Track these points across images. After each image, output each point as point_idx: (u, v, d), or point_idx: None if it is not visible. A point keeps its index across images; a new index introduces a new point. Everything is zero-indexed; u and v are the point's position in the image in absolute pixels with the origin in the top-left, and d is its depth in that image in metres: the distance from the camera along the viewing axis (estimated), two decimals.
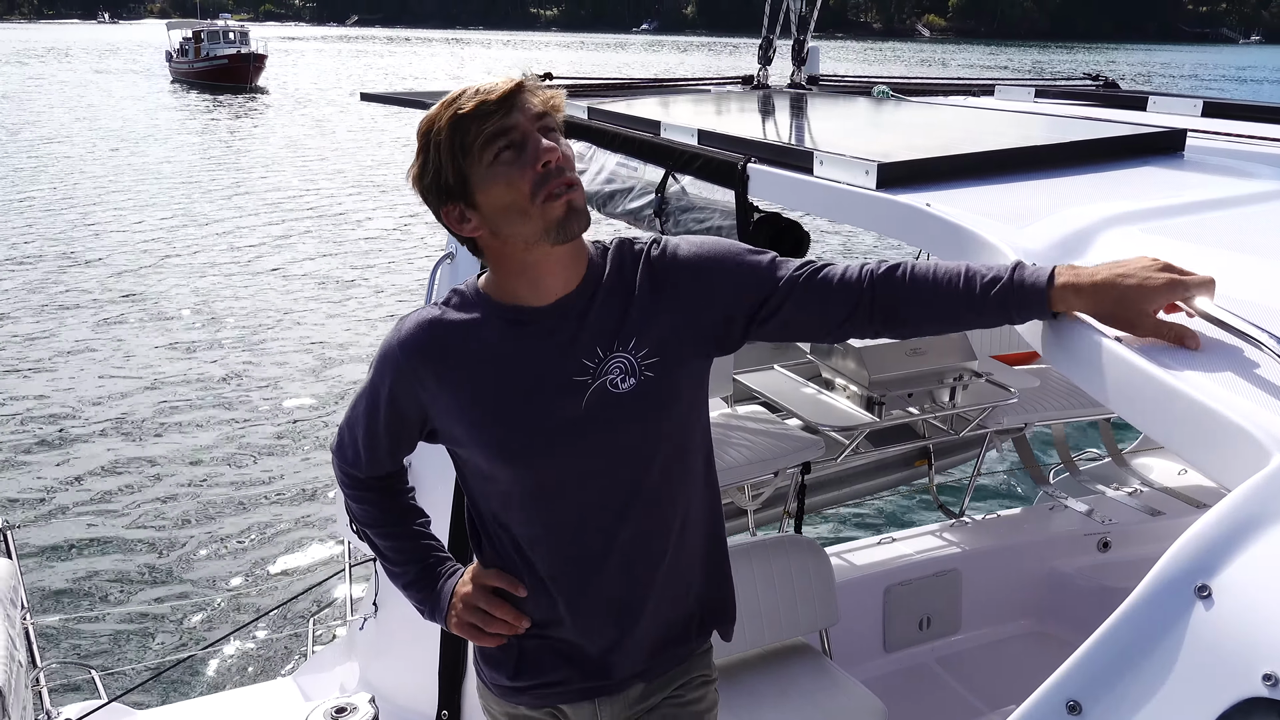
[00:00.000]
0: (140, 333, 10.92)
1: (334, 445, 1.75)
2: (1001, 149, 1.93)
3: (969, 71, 56.92)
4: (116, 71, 53.32)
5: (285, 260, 14.28)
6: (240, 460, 7.87)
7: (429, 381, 1.55)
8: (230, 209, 17.72)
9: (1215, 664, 0.93)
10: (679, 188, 2.14)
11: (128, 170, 21.58)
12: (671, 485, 1.62)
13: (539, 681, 1.69)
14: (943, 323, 1.51)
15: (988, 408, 3.53)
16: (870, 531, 5.37)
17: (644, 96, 3.13)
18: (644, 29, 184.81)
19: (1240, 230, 1.64)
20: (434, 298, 2.83)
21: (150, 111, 34.19)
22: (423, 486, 2.78)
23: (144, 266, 13.69)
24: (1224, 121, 2.46)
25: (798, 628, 2.99)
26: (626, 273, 1.57)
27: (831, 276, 1.52)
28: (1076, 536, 3.76)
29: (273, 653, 5.35)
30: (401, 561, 1.76)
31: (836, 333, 1.56)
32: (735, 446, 3.29)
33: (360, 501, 1.75)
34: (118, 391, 9.22)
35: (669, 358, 1.55)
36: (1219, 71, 70.52)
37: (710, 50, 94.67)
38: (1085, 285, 1.33)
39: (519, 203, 1.44)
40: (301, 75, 53.37)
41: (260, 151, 24.92)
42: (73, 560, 6.32)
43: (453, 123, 1.45)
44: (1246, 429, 1.08)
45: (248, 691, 3.83)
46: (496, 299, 1.56)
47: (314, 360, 10.23)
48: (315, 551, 6.46)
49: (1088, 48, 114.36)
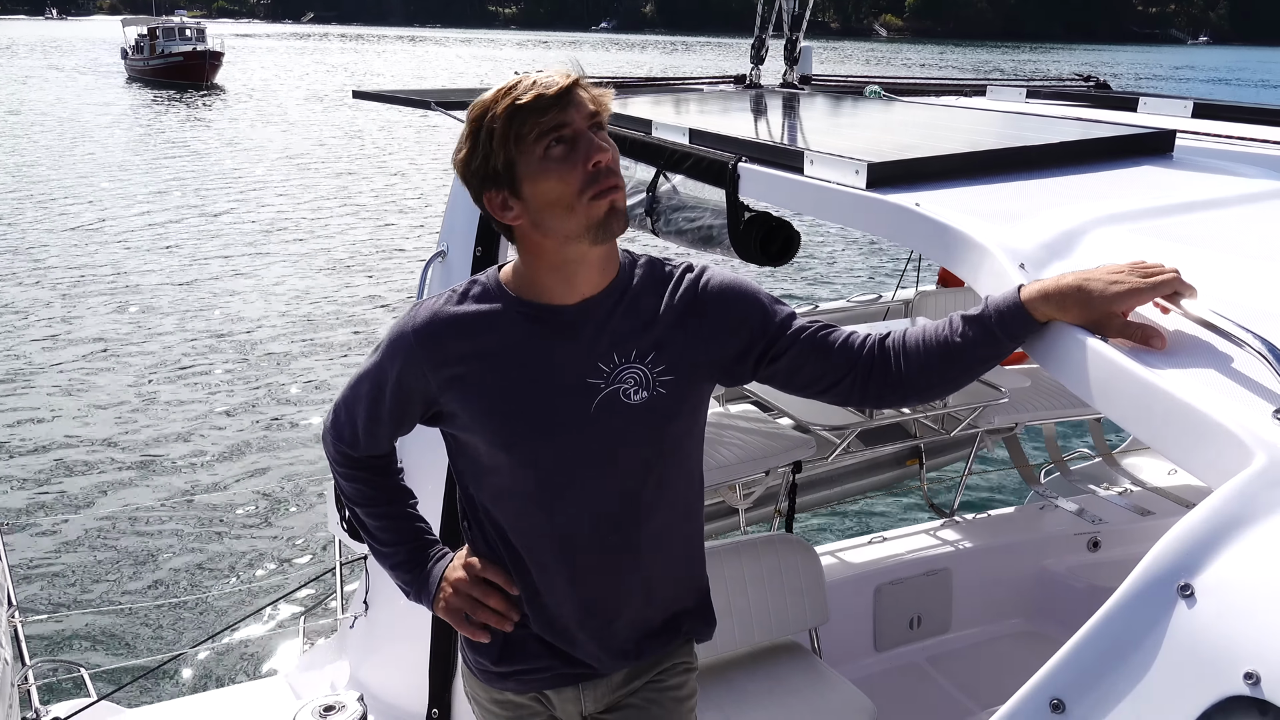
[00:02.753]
0: (125, 333, 10.88)
1: (328, 423, 1.75)
2: (991, 149, 1.94)
3: (921, 70, 57.43)
4: (70, 70, 52.29)
5: (265, 257, 14.22)
6: (229, 458, 7.86)
7: (441, 368, 1.56)
8: (196, 208, 17.44)
9: (1197, 662, 0.94)
10: (670, 187, 2.14)
11: (85, 168, 21.21)
12: (664, 493, 1.65)
13: (524, 668, 1.72)
14: (938, 363, 1.53)
15: (978, 407, 3.54)
16: (861, 530, 5.38)
17: (635, 95, 3.13)
18: (603, 27, 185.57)
19: (1228, 230, 1.65)
20: (426, 296, 2.83)
21: (106, 109, 33.53)
22: (415, 471, 2.78)
23: (122, 261, 13.65)
24: (1213, 122, 2.47)
25: (788, 626, 2.99)
26: (656, 289, 1.62)
27: (838, 337, 1.61)
28: (1067, 536, 3.78)
29: (263, 651, 5.34)
30: (391, 542, 1.77)
31: (836, 390, 1.61)
32: (727, 445, 3.29)
33: (352, 480, 1.76)
34: (106, 391, 9.19)
35: (682, 378, 1.60)
36: (1169, 71, 71.64)
37: (668, 49, 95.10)
38: (1052, 291, 1.37)
39: (566, 198, 1.47)
40: (259, 73, 52.51)
41: (222, 150, 24.47)
42: (61, 558, 6.30)
43: (509, 112, 1.46)
44: (1229, 428, 1.08)
45: (237, 690, 3.82)
46: (518, 293, 1.58)
47: (301, 358, 10.21)
48: (306, 550, 6.45)
49: (1039, 48, 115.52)
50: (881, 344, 1.57)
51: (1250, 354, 1.16)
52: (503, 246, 2.60)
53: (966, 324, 1.48)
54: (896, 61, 67.28)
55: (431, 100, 2.83)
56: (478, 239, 2.62)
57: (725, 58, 76.54)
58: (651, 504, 1.63)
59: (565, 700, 1.74)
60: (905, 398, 1.60)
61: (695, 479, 1.73)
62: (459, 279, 2.63)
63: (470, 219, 2.65)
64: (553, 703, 1.75)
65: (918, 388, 1.56)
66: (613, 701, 1.76)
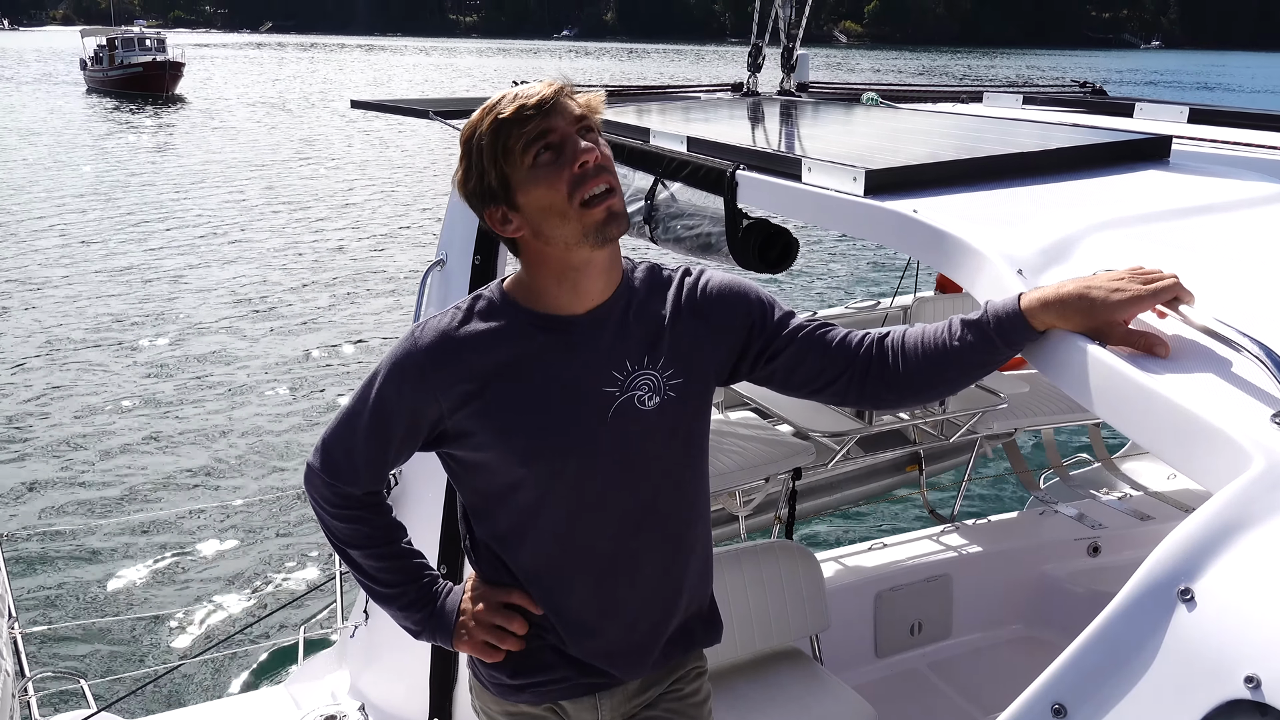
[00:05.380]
0: (125, 340, 10.88)
1: (317, 465, 1.66)
2: (988, 155, 1.94)
3: (878, 76, 57.75)
4: (29, 81, 51.16)
5: (256, 268, 14.22)
6: (229, 468, 7.85)
7: (454, 388, 1.53)
8: (163, 220, 17.18)
9: (1198, 666, 0.94)
10: (668, 194, 2.14)
11: (46, 182, 20.79)
12: (678, 499, 1.66)
13: (540, 679, 1.70)
14: (936, 365, 1.53)
15: (978, 413, 3.54)
16: (861, 537, 5.38)
17: (633, 103, 3.14)
18: (564, 35, 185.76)
19: (1225, 235, 1.65)
20: (425, 304, 2.83)
21: (69, 121, 32.89)
22: (414, 492, 2.78)
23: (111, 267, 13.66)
24: (1209, 128, 2.48)
25: (788, 633, 2.99)
26: (659, 294, 1.63)
27: (835, 335, 1.62)
28: (1067, 541, 3.77)
29: (263, 661, 5.32)
30: (396, 582, 1.70)
31: (833, 389, 1.61)
32: (727, 452, 3.29)
33: (350, 521, 1.67)
34: (104, 400, 9.18)
35: (691, 381, 1.61)
36: (1124, 76, 73.06)
37: (630, 56, 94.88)
38: (1053, 300, 1.37)
39: (558, 204, 1.48)
40: (221, 84, 51.37)
41: (187, 163, 23.84)
42: (61, 569, 6.29)
43: (494, 127, 1.48)
44: (1228, 433, 1.08)
45: (238, 700, 3.82)
46: (525, 304, 1.57)
47: (300, 369, 10.21)
48: (306, 560, 6.44)
49: (994, 53, 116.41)
50: (880, 344, 1.58)
51: (1248, 358, 1.17)
52: (502, 255, 2.60)
53: (965, 328, 1.48)
54: (854, 67, 67.82)
55: (430, 110, 2.84)
56: (476, 248, 2.63)
57: (685, 64, 76.78)
58: (670, 508, 1.64)
59: (582, 710, 1.72)
60: (902, 398, 1.60)
61: (705, 480, 1.74)
62: (458, 287, 2.65)
63: (469, 228, 2.65)
64: (569, 713, 1.73)
65: (915, 388, 1.57)
66: (630, 711, 1.75)
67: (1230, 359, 1.20)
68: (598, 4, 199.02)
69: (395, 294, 12.86)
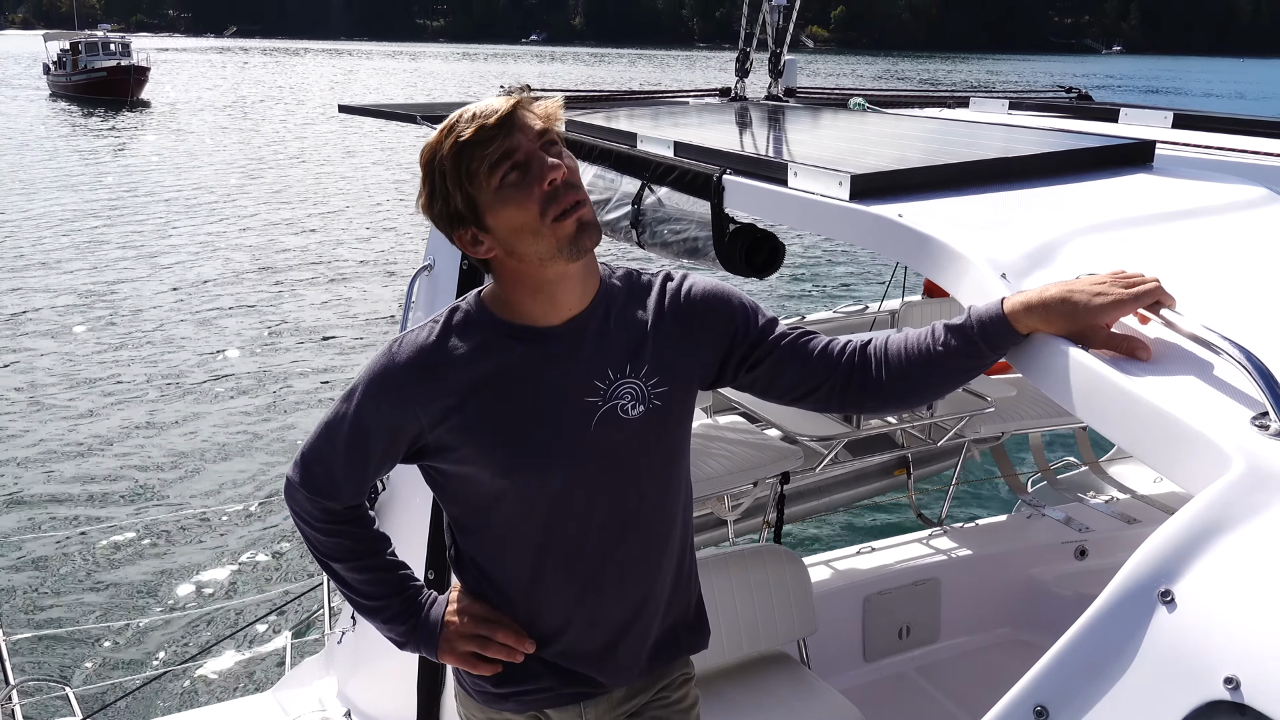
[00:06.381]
0: (108, 351, 10.83)
1: (296, 479, 1.63)
2: (974, 160, 1.95)
3: (846, 80, 58.21)
4: None
5: (242, 272, 14.18)
6: (214, 475, 7.82)
7: (434, 402, 1.52)
8: (138, 227, 17.09)
9: (1178, 668, 0.94)
10: (655, 199, 2.14)
11: (10, 186, 20.54)
12: (665, 503, 1.65)
13: (524, 688, 1.69)
14: (919, 371, 1.53)
15: (965, 417, 3.55)
16: (849, 541, 5.38)
17: (620, 108, 3.14)
18: (533, 40, 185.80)
19: (1207, 239, 1.66)
20: (412, 309, 2.83)
21: (28, 125, 32.47)
22: (401, 498, 2.78)
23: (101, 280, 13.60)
24: (1193, 133, 2.50)
25: (776, 637, 2.99)
26: (639, 301, 1.61)
27: (818, 343, 1.61)
28: (1054, 544, 3.79)
29: (250, 668, 5.30)
30: (380, 595, 1.69)
31: (815, 396, 1.61)
32: (714, 456, 3.29)
33: (333, 535, 1.65)
34: (91, 409, 9.14)
35: (674, 388, 1.60)
36: (1084, 80, 75.35)
37: (598, 61, 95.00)
38: (1036, 303, 1.38)
39: (530, 223, 1.45)
40: (186, 88, 50.66)
41: (152, 168, 23.62)
42: (47, 577, 6.25)
43: (455, 150, 1.45)
44: (1208, 436, 1.09)
45: (225, 707, 3.80)
46: (504, 316, 1.55)
47: (286, 375, 10.18)
48: (293, 566, 6.41)
49: (959, 58, 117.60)
50: (863, 350, 1.58)
51: (1229, 362, 1.18)
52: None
53: (949, 333, 1.48)
54: (821, 72, 68.28)
55: (418, 114, 2.83)
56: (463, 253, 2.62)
57: (652, 69, 76.92)
58: (654, 515, 1.63)
59: (567, 718, 1.72)
60: (885, 404, 1.60)
61: (688, 485, 1.73)
62: (446, 292, 2.65)
63: None
64: None
65: (898, 394, 1.57)
66: (615, 719, 1.74)
67: (1211, 362, 1.21)
68: (565, 9, 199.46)
69: (382, 300, 12.83)
